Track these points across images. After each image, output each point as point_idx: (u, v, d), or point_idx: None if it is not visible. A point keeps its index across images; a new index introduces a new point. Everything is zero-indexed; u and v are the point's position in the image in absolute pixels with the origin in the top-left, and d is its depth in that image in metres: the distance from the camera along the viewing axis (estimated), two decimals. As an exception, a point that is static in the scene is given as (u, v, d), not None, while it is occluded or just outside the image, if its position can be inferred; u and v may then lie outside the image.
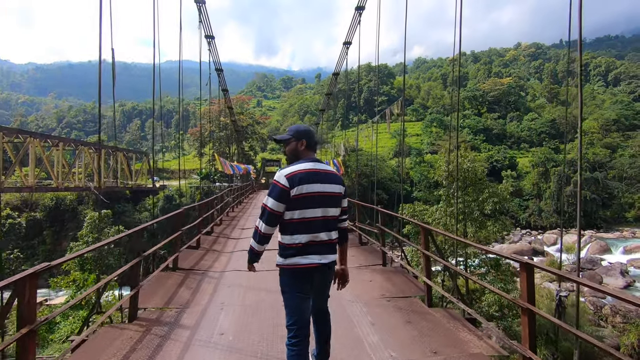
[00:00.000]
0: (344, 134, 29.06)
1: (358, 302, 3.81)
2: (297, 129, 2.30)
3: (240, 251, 6.55)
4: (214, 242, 7.48)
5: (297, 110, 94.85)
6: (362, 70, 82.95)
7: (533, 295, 2.24)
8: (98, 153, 34.71)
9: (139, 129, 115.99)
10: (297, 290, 2.12)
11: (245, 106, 74.03)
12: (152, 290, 4.01)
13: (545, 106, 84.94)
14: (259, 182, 38.30)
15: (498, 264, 14.17)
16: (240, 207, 15.81)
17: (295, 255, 2.09)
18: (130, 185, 39.24)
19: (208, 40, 10.88)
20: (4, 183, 24.54)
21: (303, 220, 2.09)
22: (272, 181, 2.14)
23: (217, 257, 5.97)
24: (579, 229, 5.33)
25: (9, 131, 25.80)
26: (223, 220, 10.49)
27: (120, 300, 4.68)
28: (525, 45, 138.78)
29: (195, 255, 5.96)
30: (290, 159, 2.26)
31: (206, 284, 4.45)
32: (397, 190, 47.09)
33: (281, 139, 2.28)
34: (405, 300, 3.79)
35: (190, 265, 5.23)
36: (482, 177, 15.97)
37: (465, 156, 15.58)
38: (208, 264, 5.48)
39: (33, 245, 33.38)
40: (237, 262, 5.76)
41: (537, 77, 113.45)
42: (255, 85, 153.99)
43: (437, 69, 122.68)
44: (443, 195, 15.88)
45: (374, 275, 4.74)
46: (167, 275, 4.64)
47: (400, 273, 4.78)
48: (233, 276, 4.85)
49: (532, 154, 60.72)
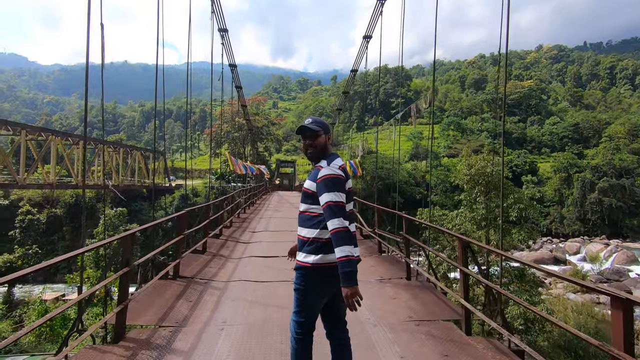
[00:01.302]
0: (363, 135, 28.30)
1: (381, 324, 3.25)
2: (324, 123, 2.18)
3: (249, 257, 6.07)
4: (222, 246, 7.03)
5: (312, 112, 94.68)
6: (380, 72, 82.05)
7: (631, 342, 1.64)
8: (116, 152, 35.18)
9: (157, 129, 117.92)
10: (324, 292, 2.03)
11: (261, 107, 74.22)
12: (146, 303, 3.54)
13: (567, 110, 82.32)
14: (272, 183, 38.03)
15: (522, 274, 13.30)
16: (252, 209, 15.35)
17: (332, 251, 1.94)
18: (147, 184, 39.68)
19: (221, 34, 10.51)
20: (26, 179, 25.10)
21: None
22: (327, 176, 1.99)
23: (224, 264, 5.52)
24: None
25: (32, 129, 26.41)
26: (233, 222, 10.05)
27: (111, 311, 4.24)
28: (547, 48, 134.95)
29: (199, 261, 5.52)
30: (317, 152, 2.13)
31: (208, 296, 3.96)
32: (413, 193, 46.16)
33: (312, 129, 2.12)
34: (438, 325, 3.22)
35: (193, 273, 4.78)
36: (507, 182, 15.17)
37: (488, 160, 14.79)
38: (213, 271, 5.02)
39: (53, 240, 34.05)
40: (244, 269, 5.30)
41: (560, 80, 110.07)
42: (271, 86, 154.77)
43: (455, 71, 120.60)
44: (464, 200, 15.11)
45: (397, 291, 4.18)
46: (166, 284, 4.18)
47: (427, 289, 4.20)
48: (239, 288, 4.36)
49: (554, 159, 58.80)
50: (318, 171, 2.04)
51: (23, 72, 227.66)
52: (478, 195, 14.39)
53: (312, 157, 2.15)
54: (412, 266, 4.63)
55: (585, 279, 28.72)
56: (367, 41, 10.19)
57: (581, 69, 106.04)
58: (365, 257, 6.09)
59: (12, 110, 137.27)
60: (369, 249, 6.84)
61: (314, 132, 2.11)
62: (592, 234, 44.29)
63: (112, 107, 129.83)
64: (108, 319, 2.73)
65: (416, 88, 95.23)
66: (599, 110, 78.66)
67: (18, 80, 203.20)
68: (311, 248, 2.01)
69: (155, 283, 3.92)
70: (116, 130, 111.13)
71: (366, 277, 4.84)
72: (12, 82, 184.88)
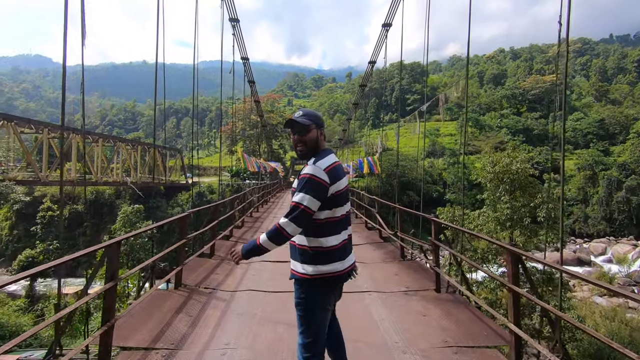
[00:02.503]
0: (381, 130, 27.51)
1: (412, 351, 2.73)
2: (316, 115, 1.96)
3: (260, 261, 5.62)
4: (231, 249, 6.49)
5: (327, 109, 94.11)
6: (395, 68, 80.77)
7: None
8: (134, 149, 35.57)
9: (175, 127, 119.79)
10: (327, 304, 1.89)
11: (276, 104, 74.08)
12: (140, 318, 3.11)
13: (592, 105, 79.07)
14: (287, 180, 37.79)
15: (550, 278, 12.44)
16: (266, 207, 14.93)
17: (331, 261, 1.84)
18: (164, 181, 40.11)
19: (232, 24, 10.06)
20: (48, 177, 25.64)
21: (338, 219, 1.87)
22: (304, 175, 1.81)
23: (231, 270, 5.08)
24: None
25: (54, 127, 26.99)
26: (245, 222, 9.63)
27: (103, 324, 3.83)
28: (571, 41, 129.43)
29: (206, 266, 5.10)
30: (309, 149, 1.91)
31: (211, 310, 3.52)
32: (430, 191, 45.08)
33: (302, 123, 1.89)
34: (480, 354, 2.68)
35: (197, 280, 4.35)
36: (533, 180, 14.32)
37: (514, 156, 13.98)
38: (219, 279, 4.58)
39: (74, 236, 34.79)
40: (254, 277, 4.88)
41: (584, 74, 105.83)
42: (286, 84, 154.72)
43: (473, 66, 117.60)
44: (487, 199, 14.33)
45: (427, 307, 3.65)
46: (165, 295, 3.76)
47: (461, 304, 3.65)
48: (246, 299, 3.91)
49: (578, 156, 56.54)
50: (303, 168, 1.87)
51: (48, 73, 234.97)
52: (502, 194, 13.62)
53: (303, 154, 1.92)
54: (442, 276, 4.07)
55: (613, 282, 27.34)
56: (387, 29, 9.53)
57: (607, 63, 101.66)
58: (386, 263, 5.59)
59: (37, 110, 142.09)
60: (389, 253, 6.30)
61: (304, 126, 1.88)
62: (618, 234, 42.48)
63: (132, 105, 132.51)
64: (90, 341, 2.32)
65: (433, 84, 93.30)
66: (626, 105, 75.14)
67: (43, 80, 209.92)
68: (307, 257, 1.85)
69: (155, 294, 3.52)
70: (135, 128, 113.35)
71: (389, 287, 4.33)
72: (38, 83, 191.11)
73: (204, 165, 67.36)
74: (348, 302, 3.71)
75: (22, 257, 25.03)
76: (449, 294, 3.95)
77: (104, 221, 35.43)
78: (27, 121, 23.77)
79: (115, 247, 2.43)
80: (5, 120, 20.87)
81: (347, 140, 36.31)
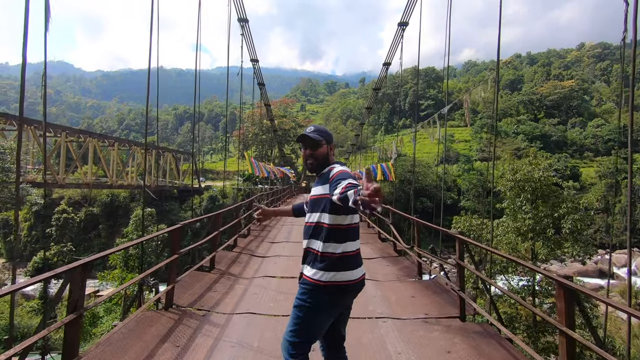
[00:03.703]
0: (396, 135, 26.71)
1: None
2: (326, 132, 2.01)
3: (263, 277, 5.21)
4: (234, 261, 6.10)
5: (339, 115, 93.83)
6: (408, 74, 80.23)
7: None
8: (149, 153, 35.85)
9: (190, 131, 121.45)
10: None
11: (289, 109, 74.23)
12: (119, 349, 2.66)
13: (614, 111, 76.65)
14: (299, 185, 37.44)
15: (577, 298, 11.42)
16: None
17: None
18: (178, 185, 40.36)
19: (241, 25, 9.73)
20: (65, 179, 26.02)
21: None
22: (344, 170, 1.81)
23: (231, 287, 4.63)
24: None
25: (72, 131, 27.50)
26: (252, 230, 9.16)
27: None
28: (590, 45, 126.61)
29: (203, 282, 4.62)
30: (319, 164, 1.95)
31: (202, 338, 3.07)
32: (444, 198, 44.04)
33: (314, 138, 1.93)
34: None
35: (191, 300, 3.87)
36: (557, 189, 13.52)
37: (536, 164, 13.24)
38: (216, 297, 4.12)
39: (90, 238, 35.29)
40: (255, 296, 4.38)
41: (604, 79, 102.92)
42: (300, 89, 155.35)
43: (489, 72, 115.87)
44: (507, 208, 13.59)
45: (452, 340, 3.12)
46: (153, 317, 3.32)
47: (493, 339, 3.10)
48: (244, 324, 3.45)
49: (599, 163, 54.70)
50: (329, 172, 1.84)
51: (69, 79, 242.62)
52: (524, 204, 12.87)
53: (313, 168, 1.97)
54: (468, 302, 3.53)
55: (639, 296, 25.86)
56: (403, 29, 9.03)
57: (628, 68, 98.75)
58: (402, 282, 5.07)
59: (58, 114, 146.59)
60: (405, 270, 5.72)
61: (315, 141, 1.93)
62: (640, 245, 40.71)
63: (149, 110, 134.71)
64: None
65: (448, 89, 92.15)
66: (651, 110, 72.60)
67: (64, 85, 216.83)
68: (323, 265, 1.79)
69: (141, 316, 3.12)
70: (151, 132, 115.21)
71: (406, 312, 3.82)
72: (59, 88, 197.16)
73: (217, 169, 67.82)
74: (360, 331, 3.25)
75: (37, 258, 25.43)
76: (477, 326, 3.40)
77: (118, 224, 35.81)
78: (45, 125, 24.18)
79: (79, 272, 2.02)
80: (25, 124, 21.20)
81: (360, 146, 35.76)
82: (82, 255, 32.16)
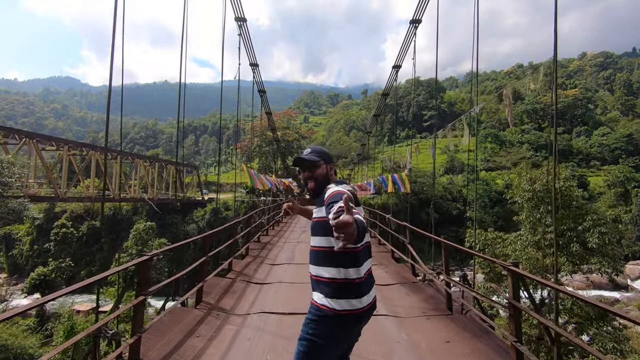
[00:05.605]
0: (411, 143, 26.24)
1: None
2: (323, 151, 1.96)
3: (259, 313, 4.38)
4: (226, 290, 5.23)
5: (342, 126, 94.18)
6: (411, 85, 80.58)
7: None
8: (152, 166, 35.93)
9: (193, 144, 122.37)
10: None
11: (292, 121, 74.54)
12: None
13: (619, 119, 76.43)
14: (302, 197, 37.22)
15: (604, 315, 10.32)
16: (278, 229, 13.52)
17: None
18: (181, 197, 40.26)
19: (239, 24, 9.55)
20: (67, 193, 25.99)
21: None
22: (337, 191, 1.68)
23: (219, 329, 3.76)
24: None
25: (74, 145, 27.66)
26: (250, 250, 8.33)
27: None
28: (592, 55, 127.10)
29: (184, 323, 3.73)
30: (319, 186, 1.87)
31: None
32: (449, 209, 43.57)
33: (310, 159, 1.89)
34: None
35: (163, 354, 2.98)
36: (579, 200, 12.84)
37: (558, 174, 12.74)
38: (198, 347, 3.23)
39: (92, 252, 35.05)
40: (248, 344, 3.52)
41: (607, 88, 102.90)
42: (303, 102, 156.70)
43: (491, 82, 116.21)
44: (525, 220, 13.00)
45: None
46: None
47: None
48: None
49: (606, 172, 54.14)
50: (324, 194, 1.78)
51: (76, 93, 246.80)
52: (544, 216, 12.19)
53: (314, 191, 1.90)
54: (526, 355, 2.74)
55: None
56: (416, 27, 9.00)
57: (632, 77, 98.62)
58: (429, 319, 4.30)
59: (65, 128, 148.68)
60: (430, 300, 4.86)
61: (312, 162, 1.90)
62: (658, 254, 39.80)
63: (153, 124, 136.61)
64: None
65: (450, 100, 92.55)
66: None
67: (71, 100, 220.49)
68: (332, 291, 1.68)
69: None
70: (156, 145, 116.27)
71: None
72: (66, 102, 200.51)
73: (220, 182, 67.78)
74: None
75: (34, 274, 24.67)
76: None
77: (121, 237, 35.66)
78: (48, 138, 24.37)
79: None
80: (27, 138, 21.36)
81: (364, 157, 35.55)
82: (83, 270, 31.88)
